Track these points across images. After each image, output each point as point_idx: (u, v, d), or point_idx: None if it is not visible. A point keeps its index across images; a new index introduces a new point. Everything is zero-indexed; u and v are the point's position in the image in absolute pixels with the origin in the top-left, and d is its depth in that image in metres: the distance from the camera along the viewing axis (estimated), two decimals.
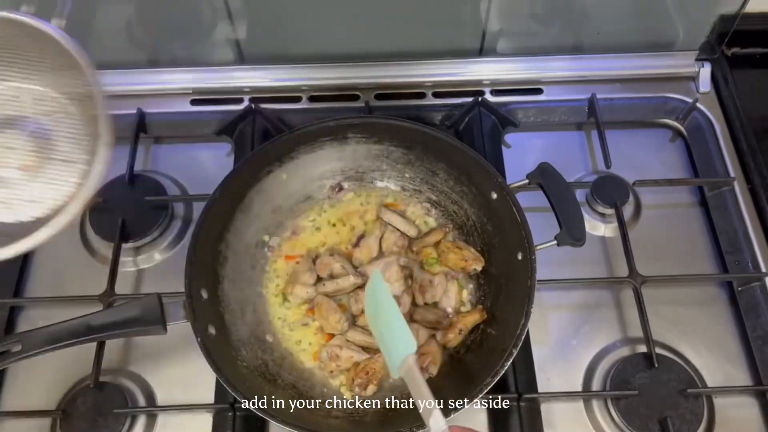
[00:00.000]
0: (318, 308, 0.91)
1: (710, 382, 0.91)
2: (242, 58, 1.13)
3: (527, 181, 0.89)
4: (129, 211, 1.02)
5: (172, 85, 1.14)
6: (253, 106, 1.11)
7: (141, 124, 1.10)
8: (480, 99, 1.11)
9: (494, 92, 1.15)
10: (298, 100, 1.15)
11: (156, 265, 1.02)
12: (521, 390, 0.87)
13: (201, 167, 1.11)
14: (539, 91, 1.15)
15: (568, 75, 1.15)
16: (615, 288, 0.99)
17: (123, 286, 0.97)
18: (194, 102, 1.14)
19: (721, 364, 0.93)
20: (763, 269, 0.97)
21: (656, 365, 0.88)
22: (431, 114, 1.14)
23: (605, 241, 1.03)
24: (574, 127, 1.15)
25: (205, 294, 0.85)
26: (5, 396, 0.91)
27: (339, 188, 1.02)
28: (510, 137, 1.13)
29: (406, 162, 1.00)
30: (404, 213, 1.01)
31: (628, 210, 1.04)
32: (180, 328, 0.80)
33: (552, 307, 0.97)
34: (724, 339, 0.95)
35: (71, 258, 1.01)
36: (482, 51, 1.13)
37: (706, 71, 1.15)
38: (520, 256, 0.86)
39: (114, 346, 0.93)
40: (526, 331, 0.79)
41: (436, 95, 1.15)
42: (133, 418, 0.88)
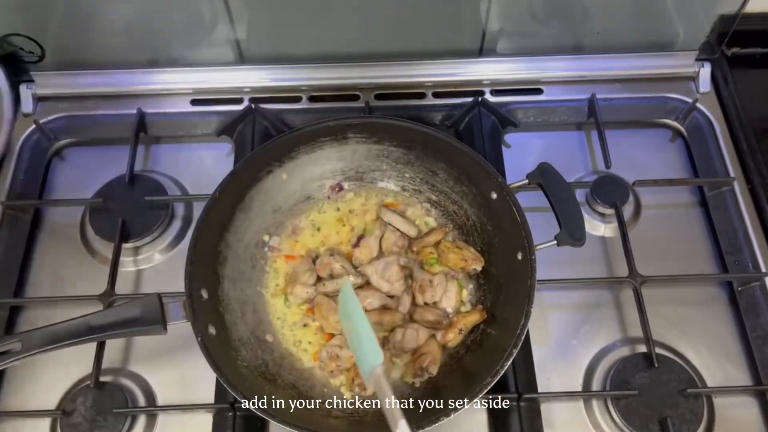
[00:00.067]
0: (318, 308, 0.91)
1: (710, 382, 0.91)
2: (242, 58, 1.13)
3: (527, 181, 0.89)
4: (129, 211, 1.02)
5: (172, 85, 1.14)
6: (253, 106, 1.11)
7: (141, 124, 1.10)
8: (480, 99, 1.11)
9: (494, 92, 1.15)
10: (298, 100, 1.15)
11: (156, 265, 1.02)
12: (521, 390, 0.87)
13: (201, 167, 1.11)
14: (539, 91, 1.15)
15: (568, 75, 1.15)
16: (615, 288, 0.99)
17: (123, 286, 0.97)
18: (194, 102, 1.14)
19: (721, 364, 0.93)
20: (763, 269, 0.97)
21: (656, 365, 0.88)
22: (431, 114, 1.14)
23: (605, 241, 1.03)
24: (574, 127, 1.15)
25: (205, 294, 0.85)
26: (5, 396, 0.92)
27: (339, 188, 1.02)
28: (510, 137, 1.13)
29: (406, 162, 1.00)
30: (404, 213, 1.01)
31: (628, 210, 1.04)
32: (180, 328, 0.80)
33: (552, 307, 0.97)
34: (724, 339, 0.95)
35: (71, 258, 1.01)
36: (482, 51, 1.13)
37: (706, 71, 1.15)
38: (520, 256, 0.86)
39: (114, 346, 0.93)
40: (526, 331, 0.79)
41: (436, 95, 1.15)
42: (133, 418, 0.88)
